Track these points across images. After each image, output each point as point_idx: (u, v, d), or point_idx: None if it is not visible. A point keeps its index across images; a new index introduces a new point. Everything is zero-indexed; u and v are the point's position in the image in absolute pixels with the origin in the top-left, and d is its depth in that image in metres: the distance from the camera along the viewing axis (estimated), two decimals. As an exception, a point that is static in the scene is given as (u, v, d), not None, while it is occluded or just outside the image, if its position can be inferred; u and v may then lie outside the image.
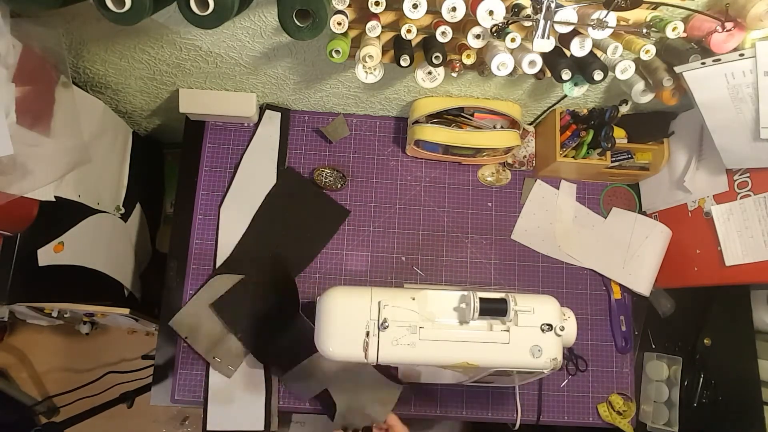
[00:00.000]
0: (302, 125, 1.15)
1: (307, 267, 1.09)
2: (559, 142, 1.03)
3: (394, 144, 1.16)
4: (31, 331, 1.83)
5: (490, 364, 0.72)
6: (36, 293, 0.92)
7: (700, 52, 0.75)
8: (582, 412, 1.07)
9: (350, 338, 0.70)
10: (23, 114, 0.74)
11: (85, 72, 1.01)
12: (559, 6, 0.66)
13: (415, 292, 0.73)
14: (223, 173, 1.12)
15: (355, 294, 0.73)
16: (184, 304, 1.05)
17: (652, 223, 1.10)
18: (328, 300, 0.72)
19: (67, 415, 1.24)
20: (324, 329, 0.71)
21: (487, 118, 1.06)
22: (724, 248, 0.93)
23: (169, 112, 1.20)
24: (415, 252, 1.11)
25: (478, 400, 1.06)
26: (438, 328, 0.71)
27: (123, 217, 1.18)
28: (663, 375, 1.07)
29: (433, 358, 0.71)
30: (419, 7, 0.66)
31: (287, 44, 0.88)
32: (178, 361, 1.04)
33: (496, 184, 1.16)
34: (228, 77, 1.01)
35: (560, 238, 1.13)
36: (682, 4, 0.72)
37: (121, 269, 1.19)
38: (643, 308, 1.12)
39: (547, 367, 0.71)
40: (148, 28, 0.85)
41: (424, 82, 0.84)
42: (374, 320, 0.70)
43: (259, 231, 1.08)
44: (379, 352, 0.69)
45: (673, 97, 0.86)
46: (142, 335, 1.83)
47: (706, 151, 0.97)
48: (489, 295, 0.71)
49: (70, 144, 0.88)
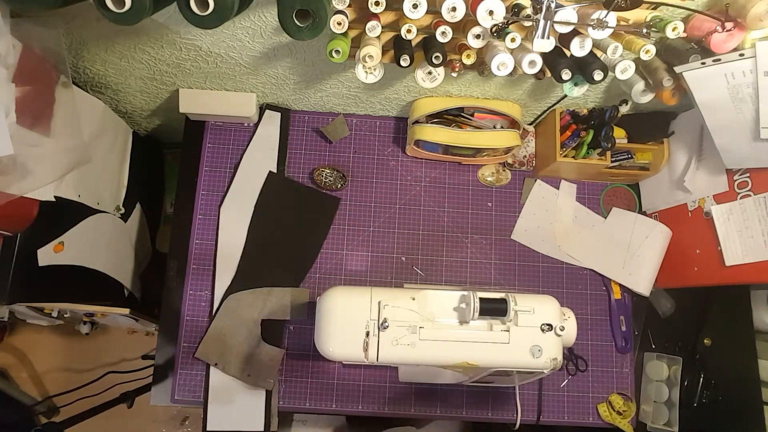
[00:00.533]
0: (302, 125, 1.15)
1: (314, 264, 1.09)
2: (559, 142, 1.03)
3: (394, 144, 1.16)
4: (31, 331, 1.83)
5: (490, 364, 0.72)
6: (36, 293, 0.92)
7: (700, 52, 0.75)
8: (582, 412, 1.07)
9: (350, 338, 0.70)
10: (23, 114, 0.74)
11: (85, 72, 1.01)
12: (559, 6, 0.66)
13: (415, 292, 0.73)
14: (223, 173, 1.12)
15: (355, 294, 0.73)
16: (184, 304, 1.05)
17: (652, 223, 1.10)
18: (328, 300, 0.72)
19: (67, 415, 1.24)
20: (324, 329, 0.71)
21: (487, 118, 1.06)
22: (724, 248, 0.93)
23: (169, 112, 1.20)
24: (415, 252, 1.11)
25: (478, 400, 1.06)
26: (438, 328, 0.71)
27: (123, 217, 1.18)
28: (663, 375, 1.07)
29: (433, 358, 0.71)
30: (419, 7, 0.66)
31: (287, 44, 0.88)
32: (178, 361, 1.04)
33: (496, 184, 1.16)
34: (228, 77, 1.01)
35: (560, 238, 1.13)
36: (682, 4, 0.72)
37: (121, 269, 1.19)
38: (643, 308, 1.12)
39: (547, 367, 0.71)
40: (148, 28, 0.85)
41: (424, 82, 0.84)
42: (374, 320, 0.70)
43: (258, 241, 1.08)
44: (379, 352, 0.69)
45: (673, 97, 0.86)
46: (142, 335, 1.83)
47: (706, 151, 0.97)
48: (489, 295, 0.71)
49: (70, 144, 0.88)
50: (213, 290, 1.06)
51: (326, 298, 0.72)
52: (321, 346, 0.71)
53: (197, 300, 1.06)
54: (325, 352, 0.71)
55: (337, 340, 0.70)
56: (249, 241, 1.07)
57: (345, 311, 0.71)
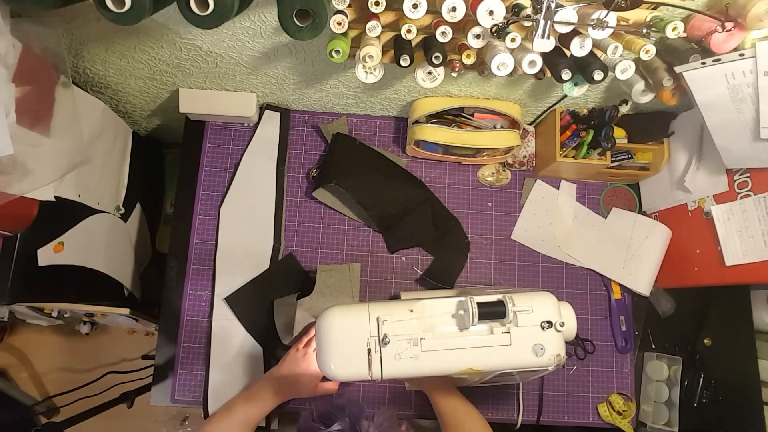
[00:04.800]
0: (302, 125, 1.15)
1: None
2: (559, 142, 1.03)
3: (394, 144, 1.16)
4: (31, 331, 1.83)
5: (494, 367, 0.72)
6: (36, 293, 0.92)
7: (700, 52, 0.75)
8: (582, 412, 1.07)
9: (352, 357, 0.69)
10: (23, 114, 0.74)
11: (85, 72, 1.01)
12: (559, 6, 0.66)
13: (413, 303, 0.72)
14: (223, 173, 1.12)
15: (352, 312, 0.71)
16: (184, 304, 1.05)
17: (652, 223, 1.10)
18: (326, 321, 0.71)
19: (67, 415, 1.24)
20: (325, 350, 0.70)
21: (487, 118, 1.06)
22: (724, 248, 0.93)
23: (169, 112, 1.20)
24: (415, 252, 1.11)
25: (479, 400, 1.06)
26: (439, 337, 0.70)
27: (123, 217, 1.18)
28: (663, 375, 1.07)
29: (437, 368, 0.71)
30: (419, 7, 0.66)
31: (287, 44, 0.88)
32: (178, 361, 1.04)
33: (496, 184, 1.15)
34: (228, 77, 1.01)
35: (560, 238, 1.13)
36: (682, 4, 0.72)
37: (121, 269, 1.19)
38: (643, 308, 1.12)
39: (551, 363, 0.70)
40: (148, 28, 0.85)
41: (424, 82, 0.84)
42: (374, 337, 0.69)
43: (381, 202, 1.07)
44: (383, 369, 0.69)
45: (673, 97, 0.86)
46: (142, 335, 1.83)
47: (706, 151, 0.97)
48: (486, 298, 0.71)
49: (70, 144, 0.88)
50: (213, 290, 1.06)
51: (324, 320, 0.71)
52: (323, 368, 0.70)
53: (197, 300, 1.06)
54: (328, 373, 0.70)
55: (339, 360, 0.69)
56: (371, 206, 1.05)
57: (344, 331, 0.70)
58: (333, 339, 0.70)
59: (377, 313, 0.70)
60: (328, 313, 0.72)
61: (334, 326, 0.70)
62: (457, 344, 0.71)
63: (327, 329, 0.70)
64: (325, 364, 0.70)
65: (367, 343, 0.69)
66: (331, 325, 0.70)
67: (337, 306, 0.73)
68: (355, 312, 0.71)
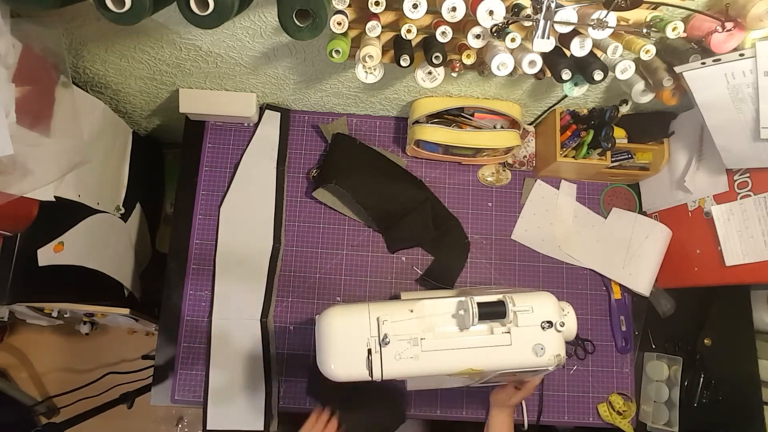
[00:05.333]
0: (302, 125, 1.15)
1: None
2: (559, 142, 1.03)
3: (394, 144, 1.16)
4: (31, 331, 1.82)
5: (494, 367, 0.72)
6: (36, 293, 0.92)
7: (700, 52, 0.75)
8: (582, 412, 1.07)
9: (352, 357, 0.69)
10: (23, 114, 0.74)
11: (85, 72, 1.01)
12: (559, 6, 0.66)
13: (413, 303, 0.72)
14: (223, 173, 1.12)
15: (353, 312, 0.72)
16: (184, 304, 1.05)
17: (652, 223, 1.10)
18: (326, 321, 0.71)
19: (67, 415, 1.24)
20: (325, 350, 0.70)
21: (487, 118, 1.06)
22: (724, 248, 0.93)
23: (169, 112, 1.20)
24: (415, 252, 1.11)
25: (479, 400, 1.06)
26: (439, 337, 0.71)
27: (123, 217, 1.18)
28: (663, 375, 1.07)
29: (438, 368, 0.71)
30: (419, 7, 0.66)
31: (287, 44, 0.88)
32: (178, 361, 1.04)
33: (497, 184, 1.15)
34: (228, 77, 1.01)
35: (560, 238, 1.13)
36: (682, 4, 0.72)
37: (121, 269, 1.19)
38: (643, 308, 1.12)
39: (552, 363, 0.70)
40: (148, 28, 0.85)
41: (424, 82, 0.84)
42: (375, 337, 0.69)
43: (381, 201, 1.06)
44: (383, 369, 0.69)
45: (673, 97, 0.86)
46: (142, 335, 1.83)
47: (706, 151, 0.97)
48: (487, 298, 0.71)
49: (70, 144, 0.88)
50: (213, 290, 1.06)
51: (324, 320, 0.71)
52: (323, 368, 0.70)
53: (197, 300, 1.06)
54: (328, 373, 0.70)
55: (339, 360, 0.69)
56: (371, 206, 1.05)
57: (344, 331, 0.70)
58: (333, 339, 0.70)
59: (377, 313, 0.71)
60: (328, 313, 0.72)
61: (335, 326, 0.70)
62: (458, 344, 0.71)
63: (327, 329, 0.70)
64: (325, 364, 0.70)
65: (367, 343, 0.69)
66: (331, 325, 0.70)
67: (338, 306, 0.73)
68: (356, 312, 0.71)
